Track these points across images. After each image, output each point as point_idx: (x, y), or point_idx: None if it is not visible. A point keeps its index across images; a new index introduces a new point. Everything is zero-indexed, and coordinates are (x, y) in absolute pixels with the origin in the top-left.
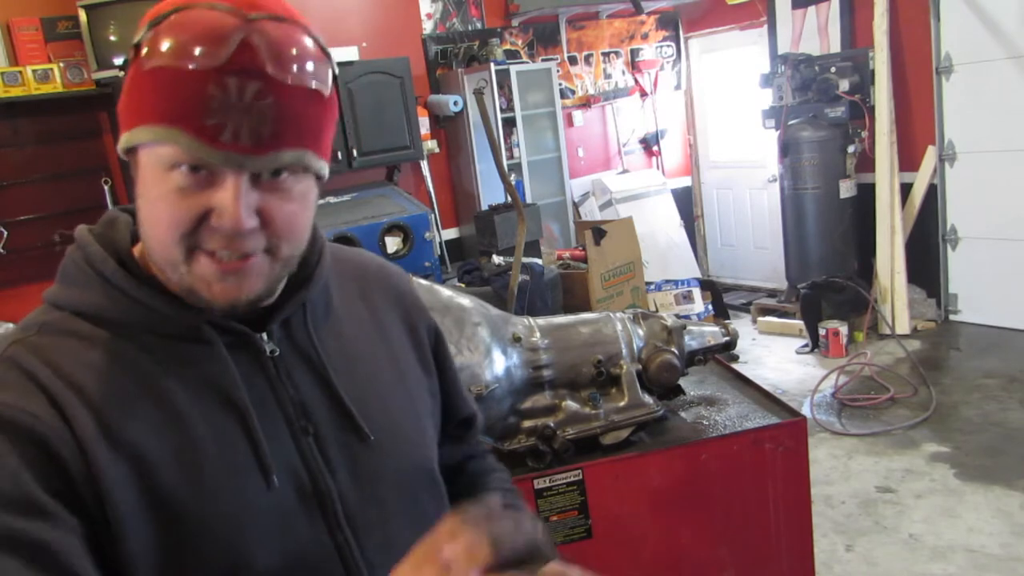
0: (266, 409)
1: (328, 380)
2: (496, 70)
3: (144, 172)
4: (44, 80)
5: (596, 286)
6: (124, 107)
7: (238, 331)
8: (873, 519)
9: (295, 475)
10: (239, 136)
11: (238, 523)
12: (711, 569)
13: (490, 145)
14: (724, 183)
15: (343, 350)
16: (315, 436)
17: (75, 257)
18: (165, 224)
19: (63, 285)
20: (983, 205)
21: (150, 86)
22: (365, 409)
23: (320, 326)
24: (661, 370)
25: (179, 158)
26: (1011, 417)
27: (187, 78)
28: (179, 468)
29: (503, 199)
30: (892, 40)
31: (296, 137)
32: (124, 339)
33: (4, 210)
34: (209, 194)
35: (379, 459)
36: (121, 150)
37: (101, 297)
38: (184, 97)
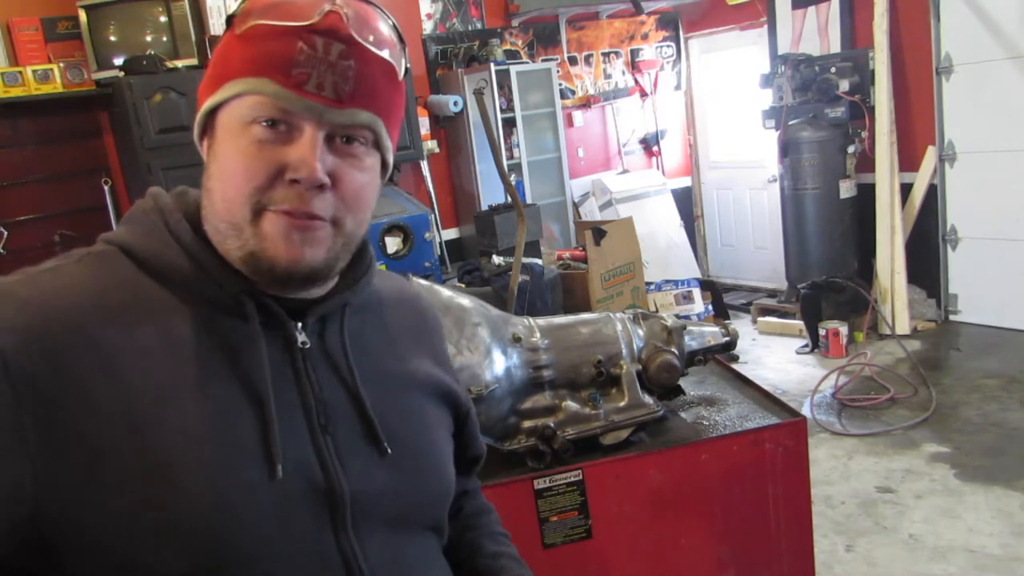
0: (287, 398)
1: (354, 386)
2: (496, 70)
3: (222, 131)
4: (44, 80)
5: (596, 286)
6: (208, 77)
7: (275, 313)
8: (873, 519)
9: (307, 470)
10: (322, 88)
11: (226, 504)
12: (711, 569)
13: (490, 145)
14: (724, 183)
15: (373, 366)
16: (333, 436)
17: (144, 205)
18: (239, 178)
19: (123, 226)
20: (983, 205)
21: (240, 46)
22: (387, 424)
23: (353, 336)
24: (661, 370)
25: (262, 106)
26: (1011, 417)
27: (278, 33)
28: (177, 437)
29: (503, 199)
30: (892, 40)
31: (373, 102)
32: (164, 292)
33: (4, 210)
34: (286, 150)
35: (394, 475)
36: (199, 122)
37: (156, 242)
38: (274, 50)
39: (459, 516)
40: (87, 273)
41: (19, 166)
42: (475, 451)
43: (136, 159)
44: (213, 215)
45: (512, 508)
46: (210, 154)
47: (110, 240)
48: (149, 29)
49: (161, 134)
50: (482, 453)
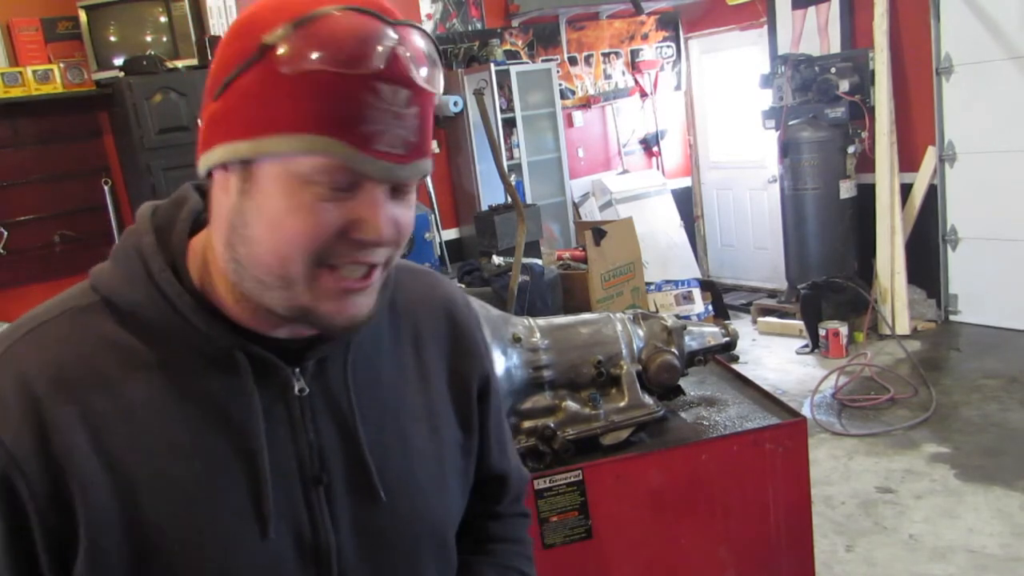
0: (281, 451)
1: (353, 431)
2: (496, 70)
3: (269, 184)
4: (44, 80)
5: (596, 286)
6: (244, 115)
7: (271, 363)
8: (873, 519)
9: (296, 525)
10: (393, 144)
11: (223, 568)
12: (711, 569)
13: (490, 145)
14: (724, 183)
15: (377, 399)
16: (327, 488)
17: (129, 242)
18: (300, 237)
19: (111, 266)
20: (983, 205)
21: (295, 91)
22: (386, 465)
23: (358, 371)
24: (661, 370)
25: (329, 169)
26: (1011, 418)
27: (341, 84)
28: (170, 501)
29: (503, 199)
30: (892, 40)
31: (428, 145)
32: (149, 350)
33: (4, 210)
34: (350, 206)
35: (388, 520)
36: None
37: (139, 294)
38: (341, 104)
39: (478, 540)
40: (67, 335)
41: (19, 166)
42: (497, 468)
43: (136, 159)
44: (249, 265)
45: None
46: (245, 198)
47: (95, 286)
48: (149, 29)
49: (161, 134)
50: (505, 472)
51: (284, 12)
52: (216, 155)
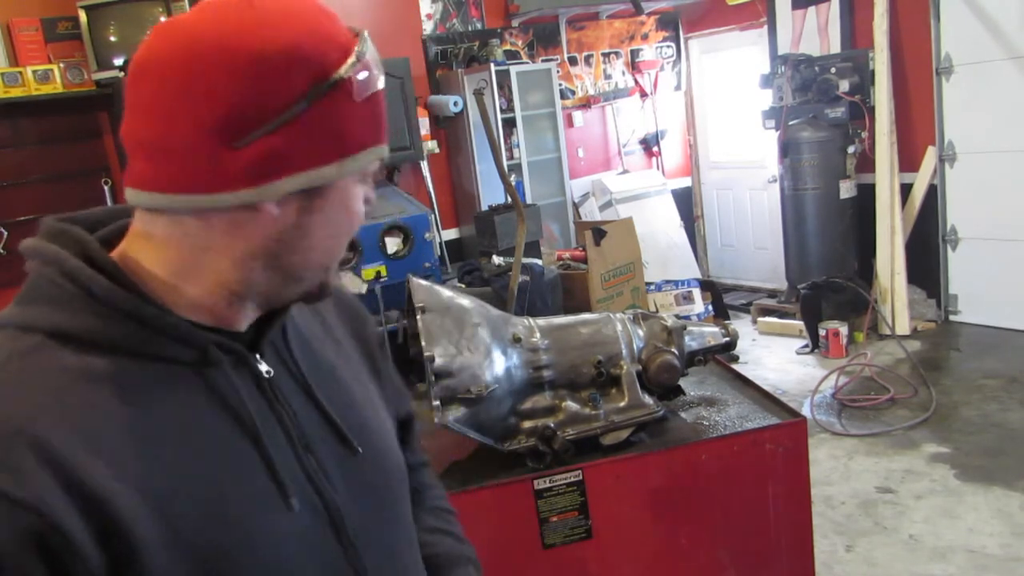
0: (270, 430)
1: (314, 397)
2: (496, 70)
3: (340, 195)
4: (44, 81)
5: (596, 287)
6: (324, 141)
7: (238, 351)
8: (873, 520)
9: (306, 495)
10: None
11: (270, 552)
12: (711, 569)
13: (490, 145)
14: (724, 183)
15: (317, 366)
16: (314, 454)
17: (47, 273)
18: (354, 227)
19: (31, 305)
20: (983, 205)
21: (364, 114)
22: (347, 422)
23: (297, 345)
24: (661, 371)
25: (377, 166)
26: (1011, 418)
27: (379, 99)
28: (204, 506)
29: (503, 199)
30: (892, 40)
31: None
32: (121, 367)
33: (4, 210)
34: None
35: (367, 470)
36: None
37: (89, 317)
38: (383, 113)
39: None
40: (28, 378)
41: (19, 166)
42: (403, 409)
43: None
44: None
45: (512, 508)
46: (308, 216)
47: (25, 326)
48: (149, 29)
49: None
50: (411, 413)
51: (332, 44)
52: (293, 183)
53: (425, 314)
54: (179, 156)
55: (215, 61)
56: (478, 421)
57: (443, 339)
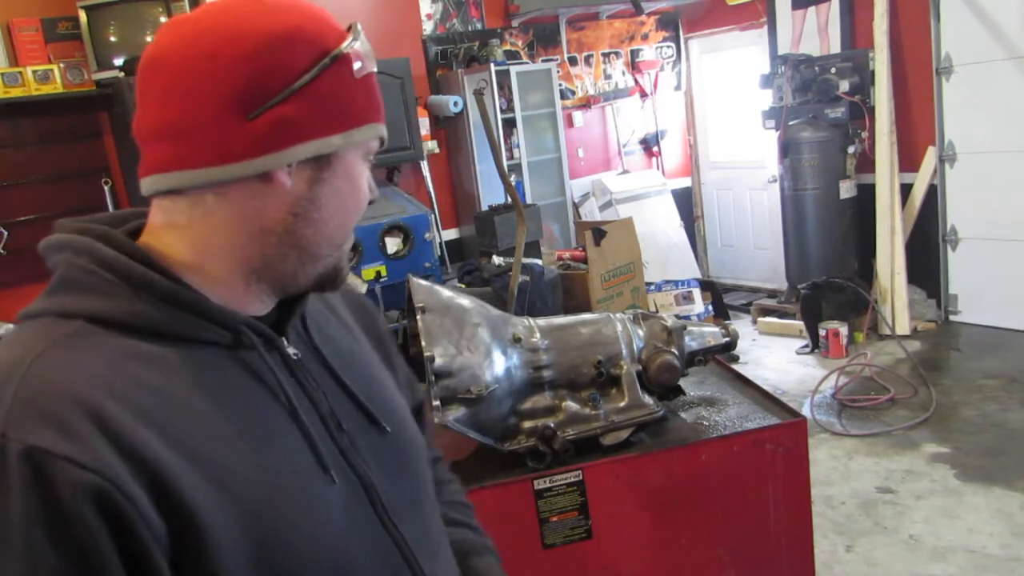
0: (305, 409)
1: (340, 379)
2: (496, 71)
3: (346, 170)
4: (44, 81)
5: (596, 287)
6: (329, 113)
7: (267, 334)
8: (873, 520)
9: (343, 472)
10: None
11: (320, 520)
12: (711, 569)
13: (490, 146)
14: (724, 183)
15: (338, 350)
16: (347, 433)
17: (79, 263)
18: (360, 206)
19: (66, 294)
20: (983, 206)
21: (363, 92)
22: (372, 402)
23: (317, 332)
24: (661, 371)
25: (376, 146)
26: (1011, 418)
27: (374, 82)
28: (256, 474)
29: (503, 200)
30: (892, 41)
31: None
32: (162, 348)
33: (4, 210)
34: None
35: (397, 450)
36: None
37: (127, 302)
38: (377, 96)
39: None
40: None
41: (19, 166)
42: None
43: (136, 160)
44: (313, 242)
45: (512, 508)
46: (319, 186)
47: (67, 313)
48: (149, 29)
49: None
50: (420, 401)
51: (330, 27)
52: (303, 151)
53: (425, 314)
54: (197, 133)
55: (228, 43)
56: (478, 421)
57: (443, 339)
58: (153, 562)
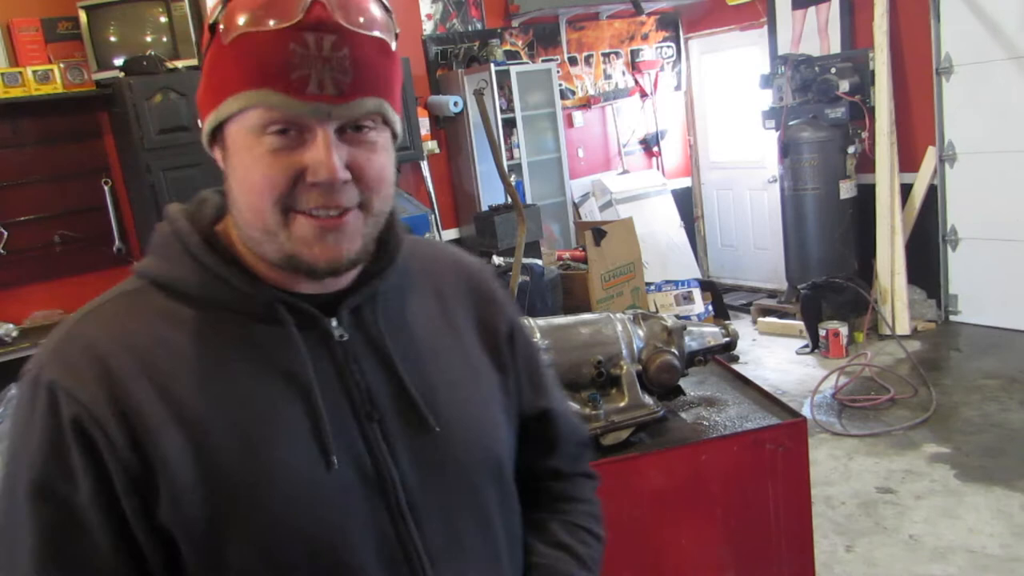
0: (332, 392)
1: (395, 370)
2: (496, 71)
3: (234, 144)
4: (44, 81)
5: (596, 287)
6: (205, 89)
7: (309, 313)
8: (873, 520)
9: (358, 460)
10: (324, 86)
11: (293, 500)
12: (711, 569)
13: (490, 146)
14: (724, 184)
15: (412, 343)
16: (380, 423)
17: (164, 230)
18: (260, 188)
19: (151, 257)
20: (983, 206)
21: (233, 58)
22: (433, 400)
23: (391, 318)
24: (661, 371)
25: (270, 118)
26: (1011, 418)
27: (268, 40)
28: (238, 443)
29: (503, 200)
30: (892, 41)
31: (374, 86)
32: (199, 313)
33: (4, 210)
34: (301, 152)
35: (444, 450)
36: (207, 134)
37: (183, 270)
38: (268, 58)
39: (545, 500)
40: (124, 311)
41: (19, 166)
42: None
43: (136, 160)
44: (243, 224)
45: None
46: (227, 165)
47: (141, 273)
48: (149, 29)
49: (161, 135)
50: (548, 408)
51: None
52: (203, 132)
53: None
54: None
55: None
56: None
57: None
58: (116, 496)
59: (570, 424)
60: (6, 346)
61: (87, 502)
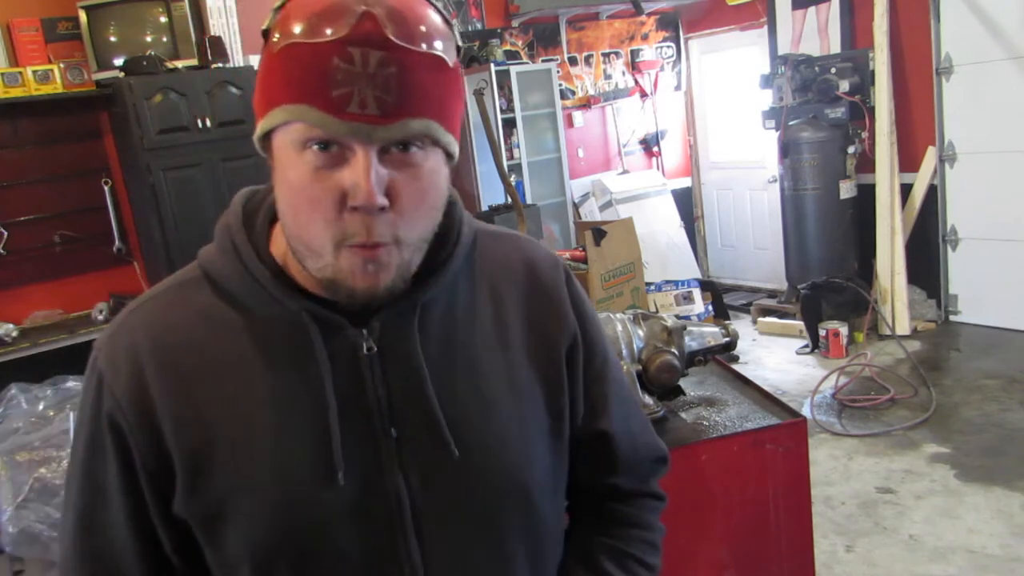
0: (349, 405)
1: (423, 385)
2: (496, 71)
3: (280, 155)
4: (44, 81)
5: (596, 287)
6: (259, 95)
7: (336, 323)
8: (873, 520)
9: (366, 477)
10: (365, 106)
11: (288, 513)
12: (711, 569)
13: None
14: (724, 184)
15: (451, 357)
16: (396, 442)
17: (223, 221)
18: (306, 206)
19: (213, 243)
20: (983, 206)
21: (280, 67)
22: (461, 423)
23: (432, 327)
24: (661, 371)
25: (309, 134)
26: (1011, 418)
27: (312, 52)
28: (250, 446)
29: (503, 200)
30: (892, 41)
31: (422, 106)
32: (236, 314)
33: (4, 210)
34: (342, 171)
35: (463, 475)
36: (257, 140)
37: (228, 266)
38: (309, 72)
39: (600, 521)
40: (168, 306)
41: (19, 166)
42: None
43: (136, 160)
44: (288, 234)
45: None
46: (275, 172)
47: (200, 262)
48: (149, 29)
49: (161, 135)
50: (607, 431)
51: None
52: (255, 135)
53: None
54: None
55: None
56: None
57: None
58: (138, 483)
59: (634, 444)
60: (6, 346)
61: (113, 485)
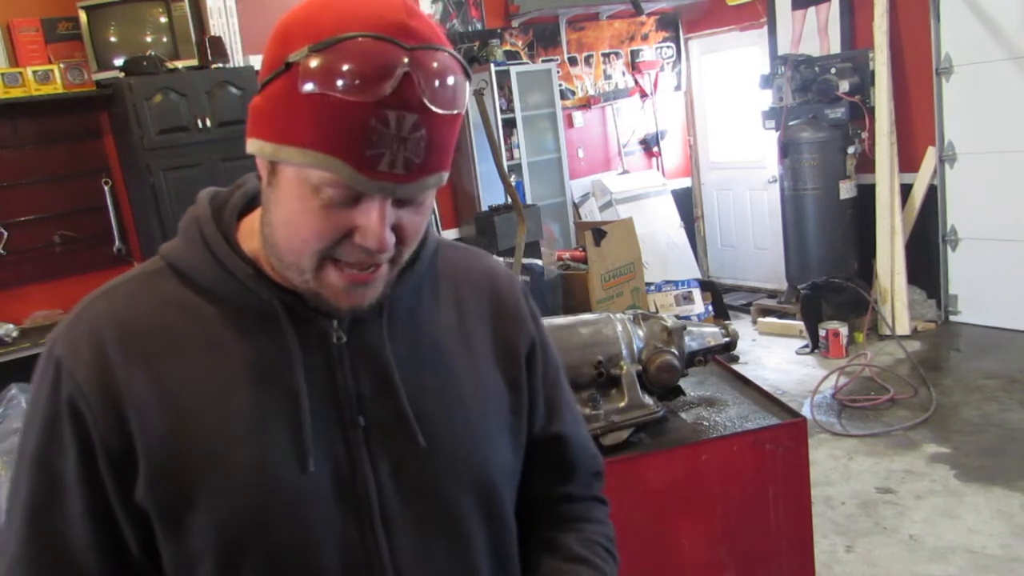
0: (319, 394)
1: (390, 380)
2: (496, 71)
3: (287, 185)
4: (44, 81)
5: (596, 287)
6: (272, 122)
7: (306, 313)
8: (873, 520)
9: (336, 465)
10: (394, 165)
11: (258, 498)
12: (711, 569)
13: (490, 146)
14: (724, 184)
15: (417, 353)
16: (365, 431)
17: (188, 215)
18: (306, 237)
19: (176, 239)
20: (983, 206)
21: (308, 111)
22: (427, 416)
23: (400, 324)
24: (661, 371)
25: (334, 183)
26: (1011, 418)
27: (350, 110)
28: (218, 432)
29: (503, 200)
30: (892, 41)
31: (440, 163)
32: (204, 303)
33: (4, 210)
34: (354, 214)
35: (430, 467)
36: (258, 155)
37: (196, 257)
38: (346, 128)
39: (557, 522)
40: (135, 294)
41: (19, 166)
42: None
43: (136, 160)
44: (274, 246)
45: None
46: (271, 188)
47: (163, 255)
48: (149, 30)
49: (161, 135)
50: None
51: (311, 30)
52: (251, 146)
53: None
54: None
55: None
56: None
57: None
58: (98, 471)
59: (586, 451)
60: (6, 346)
61: (72, 474)
